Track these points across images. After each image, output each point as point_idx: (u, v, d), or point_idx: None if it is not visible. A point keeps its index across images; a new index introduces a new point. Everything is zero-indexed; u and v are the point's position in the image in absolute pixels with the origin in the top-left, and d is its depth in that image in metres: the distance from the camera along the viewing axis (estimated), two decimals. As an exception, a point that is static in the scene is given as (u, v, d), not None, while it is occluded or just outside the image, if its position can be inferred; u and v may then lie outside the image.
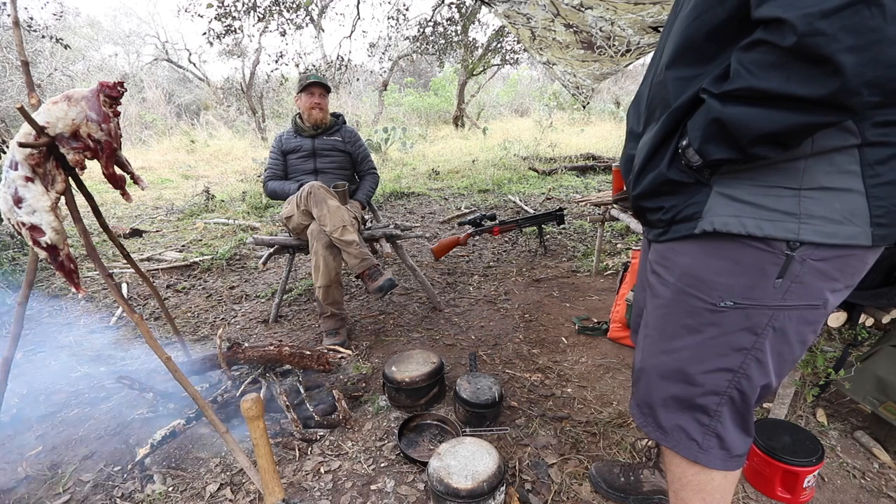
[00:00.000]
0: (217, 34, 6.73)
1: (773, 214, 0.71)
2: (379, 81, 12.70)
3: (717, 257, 0.77)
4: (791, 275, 0.72)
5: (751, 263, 0.74)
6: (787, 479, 1.28)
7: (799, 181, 0.69)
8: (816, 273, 0.72)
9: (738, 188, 0.72)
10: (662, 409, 0.89)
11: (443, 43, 8.36)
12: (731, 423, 0.85)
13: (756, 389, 0.82)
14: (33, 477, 1.45)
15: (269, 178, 2.53)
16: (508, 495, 1.28)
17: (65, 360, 2.17)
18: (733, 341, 0.79)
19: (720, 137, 0.67)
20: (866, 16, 0.52)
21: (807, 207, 0.69)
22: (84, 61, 13.26)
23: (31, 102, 1.19)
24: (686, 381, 0.84)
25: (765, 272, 0.73)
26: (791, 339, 0.78)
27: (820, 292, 0.74)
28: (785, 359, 0.80)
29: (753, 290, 0.75)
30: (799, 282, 0.73)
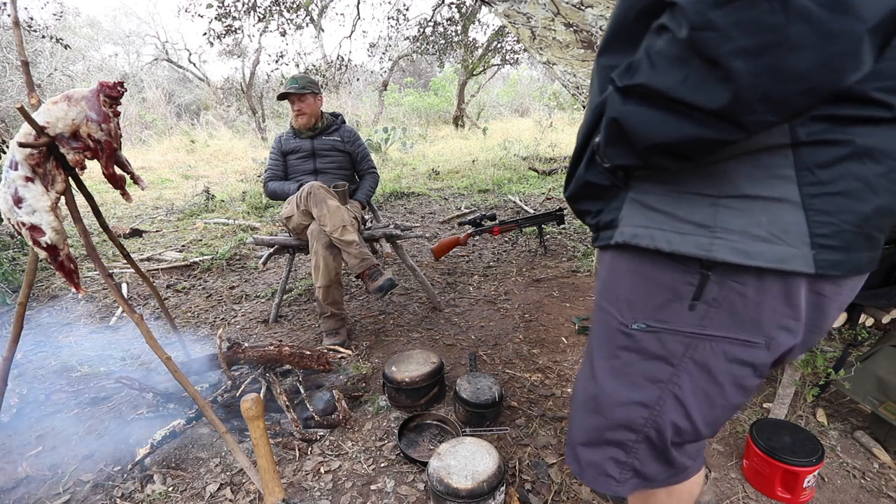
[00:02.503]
0: (217, 34, 6.73)
1: (684, 226, 0.59)
2: (379, 81, 12.70)
3: (630, 272, 0.66)
4: (707, 297, 0.60)
5: (663, 281, 0.62)
6: (787, 479, 1.28)
7: (718, 187, 0.56)
8: (744, 300, 0.58)
9: (652, 194, 0.61)
10: (581, 442, 0.78)
11: (443, 43, 8.36)
12: (652, 460, 0.73)
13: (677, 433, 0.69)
14: (33, 477, 1.45)
15: (269, 178, 2.52)
16: (508, 495, 1.28)
17: (65, 360, 2.17)
18: (647, 371, 0.67)
19: (619, 140, 0.56)
20: (765, 10, 0.40)
21: (723, 219, 0.56)
22: (84, 61, 13.26)
23: (31, 102, 1.19)
24: (600, 413, 0.73)
25: (678, 292, 0.61)
26: (719, 379, 0.63)
27: (756, 326, 0.59)
28: (714, 402, 0.66)
29: (664, 311, 0.63)
30: (719, 307, 0.60)
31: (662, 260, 0.62)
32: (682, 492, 0.80)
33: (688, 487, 0.80)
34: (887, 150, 0.51)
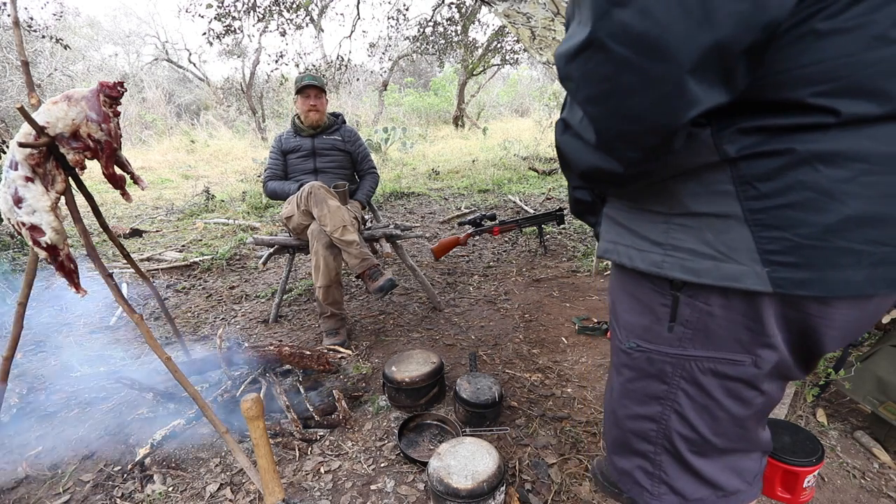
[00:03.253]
0: (217, 34, 6.72)
1: (642, 243, 0.60)
2: (379, 81, 12.69)
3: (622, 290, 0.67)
4: (682, 319, 0.59)
5: (645, 300, 0.63)
6: (787, 479, 1.28)
7: (668, 205, 0.56)
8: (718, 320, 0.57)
9: (620, 210, 0.63)
10: (613, 451, 0.79)
11: (443, 43, 8.36)
12: (678, 473, 0.71)
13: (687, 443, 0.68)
14: (33, 477, 1.45)
15: (269, 178, 2.53)
16: (508, 495, 1.28)
17: (65, 360, 2.17)
18: (647, 388, 0.67)
19: (565, 166, 0.60)
20: (599, 61, 0.44)
21: (674, 237, 0.56)
22: (84, 61, 13.25)
23: (31, 102, 1.19)
24: (618, 426, 0.75)
25: (656, 313, 0.62)
26: (714, 395, 0.62)
27: (735, 345, 0.58)
28: (715, 415, 0.64)
29: (649, 332, 0.64)
30: (695, 328, 0.59)
31: (641, 279, 0.62)
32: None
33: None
34: (849, 153, 0.46)
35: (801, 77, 0.46)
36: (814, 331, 0.55)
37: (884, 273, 0.48)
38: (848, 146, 0.46)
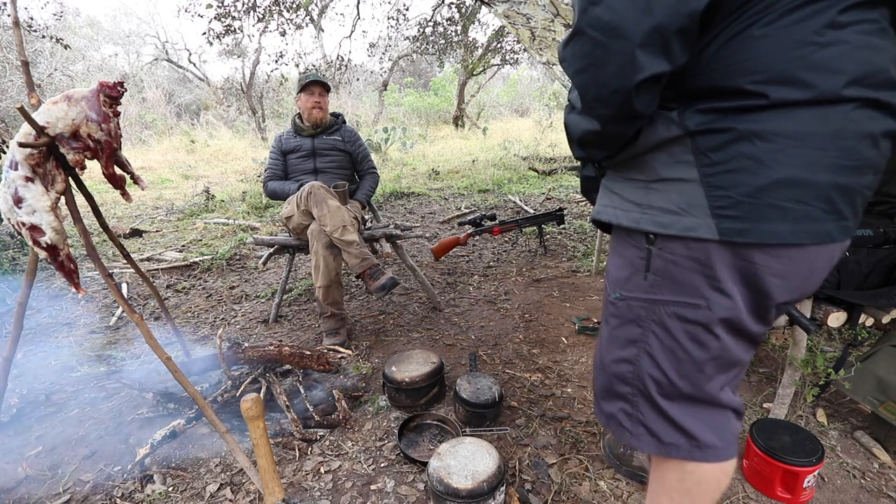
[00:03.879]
0: (217, 34, 6.72)
1: (626, 204, 0.74)
2: (379, 81, 12.69)
3: (614, 252, 0.81)
4: (654, 268, 0.72)
5: (628, 256, 0.76)
6: (787, 479, 1.28)
7: (646, 173, 0.71)
8: (681, 268, 0.69)
9: (611, 181, 0.78)
10: (600, 396, 0.89)
11: (443, 43, 8.36)
12: (653, 415, 0.80)
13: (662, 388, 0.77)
14: (33, 477, 1.45)
15: (269, 178, 2.53)
16: (508, 495, 1.28)
17: (65, 360, 2.17)
18: (626, 333, 0.79)
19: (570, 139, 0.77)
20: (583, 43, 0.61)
21: (649, 198, 0.70)
22: (84, 61, 13.25)
23: (31, 102, 1.19)
24: (604, 371, 0.86)
25: (635, 265, 0.75)
26: (677, 336, 0.73)
27: (694, 289, 0.69)
28: (680, 357, 0.74)
29: (629, 282, 0.77)
30: (663, 276, 0.72)
31: (625, 238, 0.76)
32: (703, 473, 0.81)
33: (711, 472, 0.80)
34: (777, 131, 0.59)
35: (741, 68, 0.60)
36: (757, 277, 0.66)
37: (806, 227, 0.61)
38: (776, 125, 0.59)
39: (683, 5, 0.55)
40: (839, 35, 0.56)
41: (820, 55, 0.56)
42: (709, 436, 0.79)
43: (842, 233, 0.63)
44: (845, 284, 1.40)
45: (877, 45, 0.58)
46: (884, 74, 0.58)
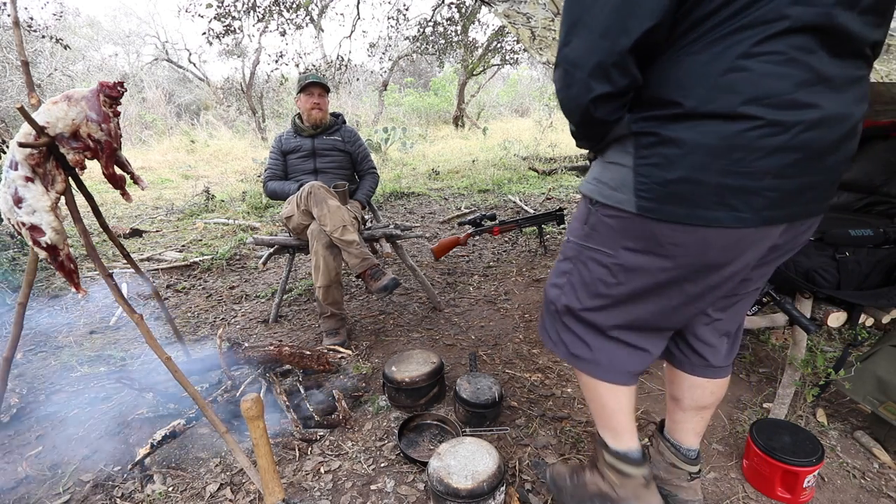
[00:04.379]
0: (216, 34, 6.72)
1: (590, 178, 0.96)
2: (379, 81, 12.69)
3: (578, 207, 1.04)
4: (590, 223, 0.96)
5: (579, 214, 1.00)
6: (787, 479, 1.28)
7: (607, 156, 0.91)
8: (606, 227, 0.92)
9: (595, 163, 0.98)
10: (543, 316, 1.13)
11: (443, 43, 8.36)
12: (565, 329, 1.05)
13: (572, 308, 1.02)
14: (33, 477, 1.45)
15: (269, 178, 2.53)
16: (508, 495, 1.28)
17: (65, 360, 2.17)
18: (563, 266, 1.04)
19: None
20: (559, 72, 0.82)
21: (602, 174, 0.92)
22: (84, 61, 13.25)
23: (31, 102, 1.19)
24: (546, 294, 1.09)
25: (580, 219, 0.99)
26: (591, 271, 0.98)
27: (611, 244, 0.93)
28: (588, 288, 0.99)
29: (575, 230, 1.01)
30: (594, 230, 0.95)
31: (582, 201, 0.99)
32: (596, 387, 1.06)
33: (604, 389, 1.05)
34: (684, 140, 0.76)
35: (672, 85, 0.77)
36: (659, 243, 0.86)
37: (696, 213, 0.79)
38: (684, 135, 0.77)
39: (615, 46, 0.74)
40: (745, 64, 0.70)
41: (726, 79, 0.72)
42: (602, 358, 1.02)
43: (734, 221, 0.78)
44: (845, 284, 1.40)
45: (780, 73, 0.70)
46: (785, 97, 0.70)
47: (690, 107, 0.75)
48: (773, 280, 1.48)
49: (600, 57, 0.75)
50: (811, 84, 0.71)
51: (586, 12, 0.76)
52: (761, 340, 2.14)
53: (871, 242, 1.41)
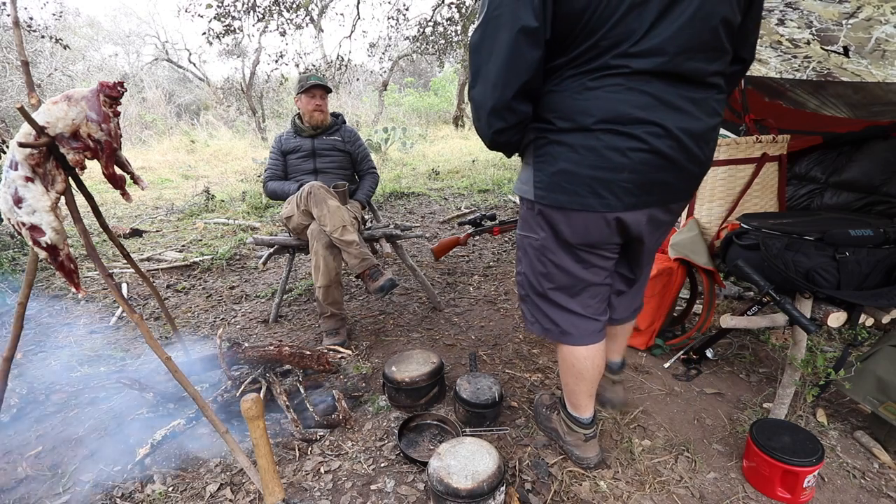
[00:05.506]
0: (216, 34, 6.72)
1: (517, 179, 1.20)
2: (379, 81, 12.68)
3: None
4: (521, 215, 1.23)
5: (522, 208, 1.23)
6: (787, 479, 1.28)
7: (523, 160, 1.15)
8: (527, 215, 1.18)
9: None
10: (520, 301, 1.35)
11: (443, 43, 8.36)
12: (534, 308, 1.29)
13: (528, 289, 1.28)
14: (33, 477, 1.45)
15: (269, 178, 2.53)
16: (508, 495, 1.28)
17: (65, 360, 2.17)
18: (518, 255, 1.29)
19: None
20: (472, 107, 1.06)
21: (521, 175, 1.16)
22: (84, 61, 13.24)
23: (31, 102, 1.19)
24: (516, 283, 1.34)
25: (520, 214, 1.23)
26: (529, 256, 1.23)
27: (533, 229, 1.18)
28: (535, 268, 1.23)
29: (518, 225, 1.25)
30: (525, 220, 1.21)
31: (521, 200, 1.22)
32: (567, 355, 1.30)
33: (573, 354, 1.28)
34: (564, 142, 1.02)
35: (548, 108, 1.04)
36: (553, 224, 1.12)
37: (574, 199, 1.05)
38: (563, 139, 1.03)
39: (504, 96, 0.99)
40: (592, 93, 0.98)
41: (580, 104, 0.99)
42: (568, 326, 1.25)
43: (604, 207, 1.04)
44: (845, 284, 1.40)
45: (620, 98, 0.96)
46: (626, 115, 0.96)
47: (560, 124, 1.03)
48: (773, 280, 1.48)
49: (493, 102, 1.00)
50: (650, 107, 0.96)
51: (483, 65, 0.98)
52: (761, 340, 2.14)
53: (871, 242, 1.41)
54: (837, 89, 2.04)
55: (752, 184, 1.83)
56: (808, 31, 1.72)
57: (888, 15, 1.43)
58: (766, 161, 1.82)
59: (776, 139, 1.82)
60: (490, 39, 0.95)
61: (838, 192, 2.08)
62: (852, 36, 1.61)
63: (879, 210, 1.91)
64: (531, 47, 0.94)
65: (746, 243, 1.59)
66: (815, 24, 1.66)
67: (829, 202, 2.09)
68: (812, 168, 2.22)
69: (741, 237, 1.63)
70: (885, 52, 1.60)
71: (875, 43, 1.57)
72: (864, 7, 1.44)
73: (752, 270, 1.51)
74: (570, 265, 1.17)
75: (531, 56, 0.95)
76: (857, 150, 2.08)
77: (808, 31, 1.73)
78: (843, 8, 1.49)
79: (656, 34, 0.93)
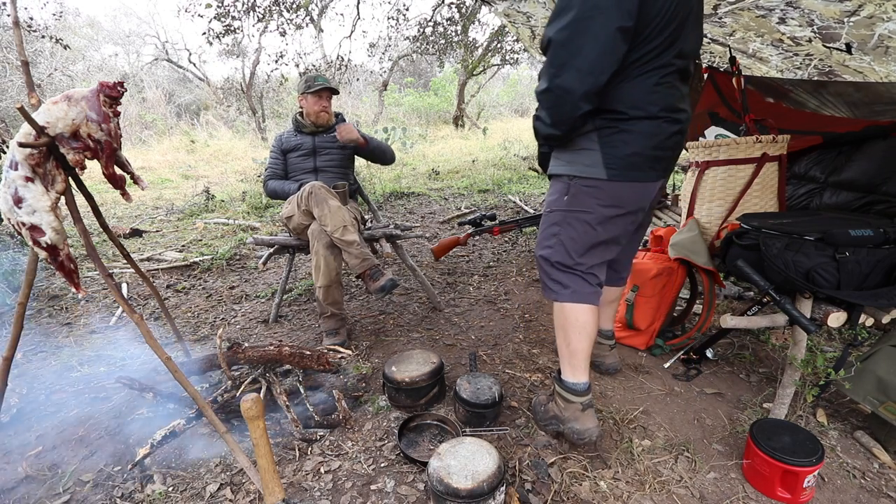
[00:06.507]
0: (216, 34, 6.72)
1: (562, 163, 1.38)
2: (379, 81, 12.68)
3: (550, 187, 1.46)
4: (571, 193, 1.37)
5: (556, 189, 1.41)
6: (787, 479, 1.28)
7: (575, 146, 1.33)
8: (582, 192, 1.34)
9: (556, 152, 1.42)
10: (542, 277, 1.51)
11: (443, 43, 8.36)
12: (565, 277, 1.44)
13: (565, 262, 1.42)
14: (33, 477, 1.45)
15: (270, 177, 2.53)
16: (508, 495, 1.28)
17: (65, 360, 2.17)
18: (551, 230, 1.44)
19: (535, 134, 1.38)
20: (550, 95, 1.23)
21: (574, 158, 1.34)
22: (84, 61, 13.23)
23: (32, 102, 1.19)
24: (539, 255, 1.48)
25: (560, 192, 1.39)
26: (578, 230, 1.38)
27: (588, 204, 1.35)
28: (577, 241, 1.40)
29: (556, 202, 1.41)
30: (575, 197, 1.36)
31: (558, 180, 1.41)
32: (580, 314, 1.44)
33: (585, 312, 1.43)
34: (632, 130, 1.25)
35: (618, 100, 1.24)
36: (620, 195, 1.33)
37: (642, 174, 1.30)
38: (631, 127, 1.25)
39: (598, 81, 1.17)
40: (657, 89, 1.23)
41: (649, 97, 1.23)
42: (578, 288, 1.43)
43: (656, 177, 1.34)
44: (845, 284, 1.40)
45: (671, 93, 1.26)
46: (673, 105, 1.26)
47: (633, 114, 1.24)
48: (773, 280, 1.48)
49: (587, 88, 1.17)
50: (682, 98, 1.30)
51: (572, 58, 1.16)
52: (761, 340, 2.14)
53: (871, 242, 1.40)
54: (838, 87, 2.04)
55: (751, 184, 1.83)
56: (810, 28, 1.72)
57: (890, 12, 1.43)
58: (766, 161, 1.82)
59: (776, 139, 1.82)
60: (582, 35, 1.14)
61: (837, 192, 2.08)
62: (854, 33, 1.61)
63: (879, 210, 1.91)
64: (623, 43, 1.15)
65: (746, 243, 1.59)
66: (817, 22, 1.66)
67: (829, 202, 2.09)
68: (811, 168, 2.22)
69: (741, 237, 1.63)
70: (888, 48, 1.60)
71: (878, 39, 1.58)
72: (865, 5, 1.44)
73: (752, 270, 1.51)
74: (613, 230, 1.38)
75: (621, 50, 1.16)
76: (856, 150, 2.08)
77: (810, 29, 1.73)
78: (845, 6, 1.49)
79: (685, 37, 1.24)
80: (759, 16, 1.81)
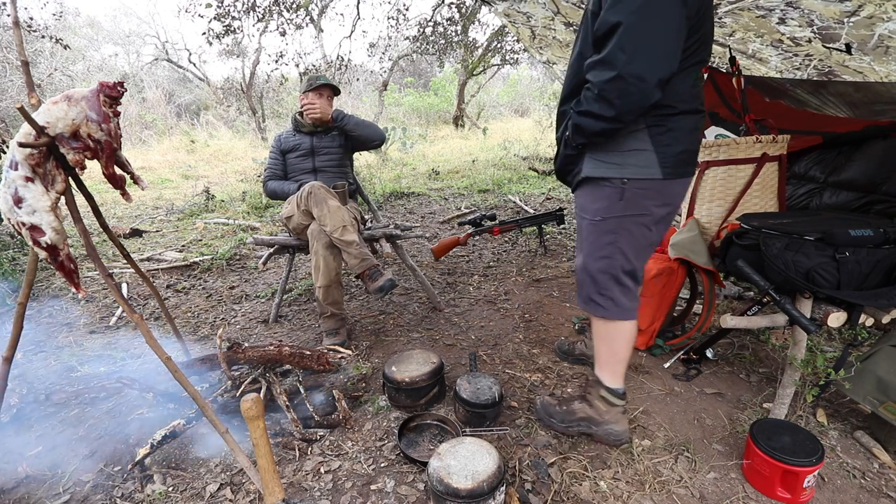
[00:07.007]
0: (216, 34, 6.72)
1: (609, 165, 1.31)
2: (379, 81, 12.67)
3: (588, 194, 1.38)
4: (625, 196, 1.31)
5: (604, 194, 1.33)
6: (787, 479, 1.28)
7: (622, 146, 1.28)
8: (639, 195, 1.30)
9: (598, 153, 1.33)
10: (585, 291, 1.47)
11: (443, 43, 8.35)
12: (617, 291, 1.40)
13: (625, 269, 1.38)
14: (33, 477, 1.45)
15: (269, 177, 2.53)
16: (508, 495, 1.28)
17: (65, 360, 2.17)
18: (604, 240, 1.37)
19: (577, 132, 1.30)
20: (620, 83, 1.13)
21: (626, 161, 1.28)
22: (84, 61, 13.23)
23: (31, 102, 1.19)
24: (586, 271, 1.43)
25: (611, 198, 1.32)
26: (636, 234, 1.34)
27: (645, 207, 1.31)
28: (638, 246, 1.36)
29: (607, 210, 1.34)
30: (628, 201, 1.30)
31: (602, 185, 1.34)
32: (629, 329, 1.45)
33: (625, 328, 1.44)
34: (680, 127, 1.25)
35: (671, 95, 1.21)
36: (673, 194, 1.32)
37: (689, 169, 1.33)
38: (679, 124, 1.25)
39: (671, 67, 1.14)
40: (697, 83, 1.27)
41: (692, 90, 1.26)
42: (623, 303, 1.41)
43: (691, 172, 1.35)
44: (845, 284, 1.40)
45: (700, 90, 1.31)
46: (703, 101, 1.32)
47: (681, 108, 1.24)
48: (773, 280, 1.48)
49: (662, 74, 1.12)
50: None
51: (643, 44, 1.10)
52: (761, 340, 2.14)
53: (871, 242, 1.40)
54: (838, 87, 2.04)
55: (751, 184, 1.83)
56: (810, 29, 1.72)
57: (890, 13, 1.43)
58: (766, 161, 1.82)
59: (776, 139, 1.82)
60: (655, 19, 1.09)
61: (837, 192, 2.08)
62: (854, 33, 1.61)
63: (878, 209, 1.91)
64: (686, 29, 1.15)
65: (746, 243, 1.59)
66: (817, 22, 1.66)
67: (828, 202, 2.09)
68: (811, 167, 2.22)
69: (741, 237, 1.63)
70: (888, 48, 1.60)
71: (878, 39, 1.58)
72: (865, 5, 1.44)
73: (752, 270, 1.51)
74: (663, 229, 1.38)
75: (684, 36, 1.15)
76: (856, 150, 2.08)
77: (810, 30, 1.73)
78: (845, 6, 1.49)
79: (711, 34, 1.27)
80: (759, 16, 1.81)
